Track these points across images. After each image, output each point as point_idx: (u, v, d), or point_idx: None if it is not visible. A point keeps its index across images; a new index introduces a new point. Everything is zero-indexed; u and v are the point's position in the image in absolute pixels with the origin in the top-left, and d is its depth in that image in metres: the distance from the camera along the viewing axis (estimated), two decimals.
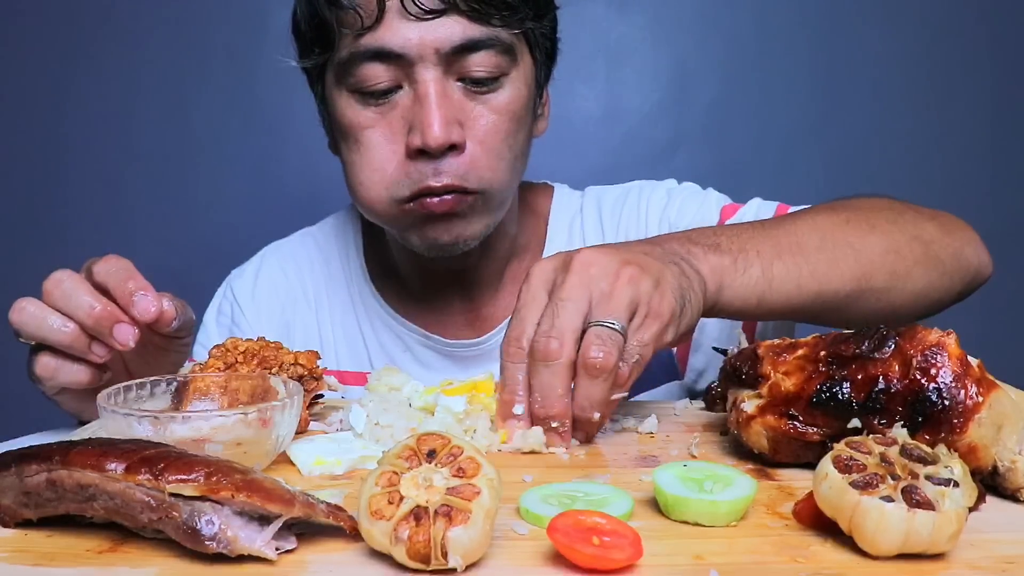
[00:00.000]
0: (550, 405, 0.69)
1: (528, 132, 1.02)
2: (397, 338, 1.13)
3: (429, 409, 0.74)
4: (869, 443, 0.53)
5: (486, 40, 0.92)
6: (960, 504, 0.49)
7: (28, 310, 0.73)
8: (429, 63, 0.91)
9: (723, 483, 0.56)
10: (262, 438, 0.62)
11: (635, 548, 0.47)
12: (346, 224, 1.21)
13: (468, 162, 0.93)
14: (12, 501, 0.53)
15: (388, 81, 0.92)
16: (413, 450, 0.50)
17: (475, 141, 0.94)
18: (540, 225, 1.17)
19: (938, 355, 0.60)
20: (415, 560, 0.46)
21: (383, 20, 0.90)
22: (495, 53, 0.93)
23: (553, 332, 0.68)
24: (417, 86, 0.92)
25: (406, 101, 0.93)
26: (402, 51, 0.90)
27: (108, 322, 0.72)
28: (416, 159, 0.93)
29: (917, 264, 0.87)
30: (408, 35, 0.90)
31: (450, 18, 0.90)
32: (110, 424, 0.62)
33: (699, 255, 0.78)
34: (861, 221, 0.87)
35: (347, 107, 0.96)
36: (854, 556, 0.49)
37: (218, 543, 0.48)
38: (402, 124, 0.94)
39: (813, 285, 0.81)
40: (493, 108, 0.95)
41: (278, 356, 0.77)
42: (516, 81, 0.96)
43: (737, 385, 0.70)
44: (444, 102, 0.91)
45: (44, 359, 0.75)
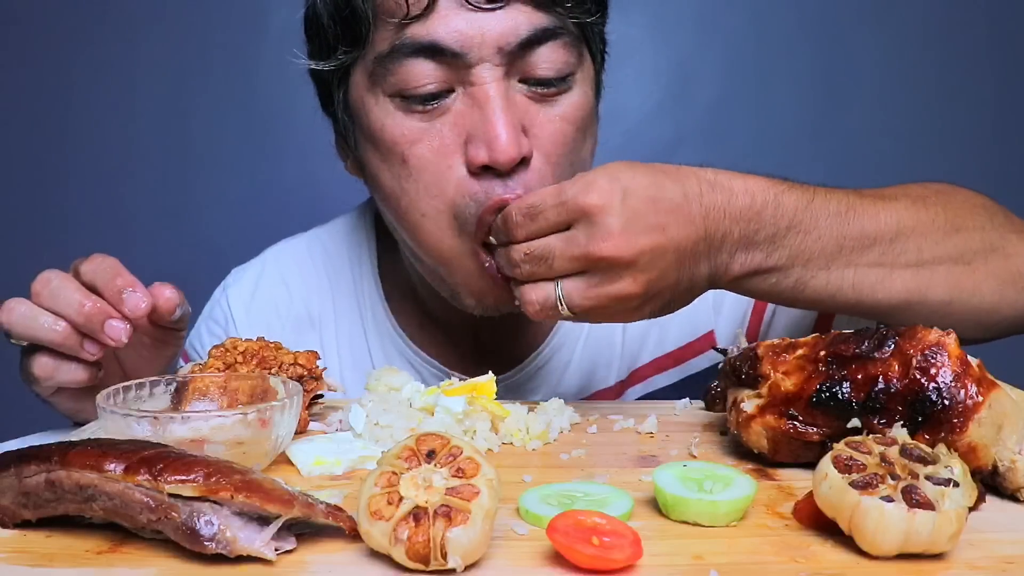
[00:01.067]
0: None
1: (592, 145, 0.90)
2: (412, 368, 1.01)
3: (429, 410, 0.74)
4: (869, 443, 0.53)
5: (555, 30, 0.78)
6: (960, 504, 0.48)
7: (18, 310, 0.72)
8: (490, 62, 0.77)
9: (723, 483, 0.56)
10: (261, 438, 0.62)
11: (635, 548, 0.47)
12: (359, 230, 1.08)
13: (536, 178, 0.79)
14: (11, 502, 0.53)
15: (438, 83, 0.78)
16: (412, 450, 0.50)
17: (541, 153, 0.80)
18: None
19: (938, 355, 0.60)
20: (414, 560, 0.46)
21: (435, 8, 0.76)
22: (563, 46, 0.80)
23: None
24: (475, 90, 0.77)
25: (459, 107, 0.79)
26: (459, 48, 0.76)
27: (99, 319, 0.71)
28: (480, 177, 0.78)
29: (990, 277, 0.78)
30: (465, 29, 0.76)
31: (513, 7, 0.77)
32: (109, 424, 0.62)
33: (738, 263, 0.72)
34: (946, 223, 0.77)
35: (387, 116, 0.80)
36: (854, 556, 0.49)
37: (217, 543, 0.48)
38: (456, 134, 0.79)
39: (851, 296, 0.75)
40: (560, 113, 0.81)
41: (277, 356, 0.77)
42: (583, 83, 0.84)
43: (737, 385, 0.70)
44: (509, 107, 0.77)
45: (42, 359, 0.74)
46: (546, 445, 0.73)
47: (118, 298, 0.72)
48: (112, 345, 0.72)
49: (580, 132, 0.84)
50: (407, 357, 1.03)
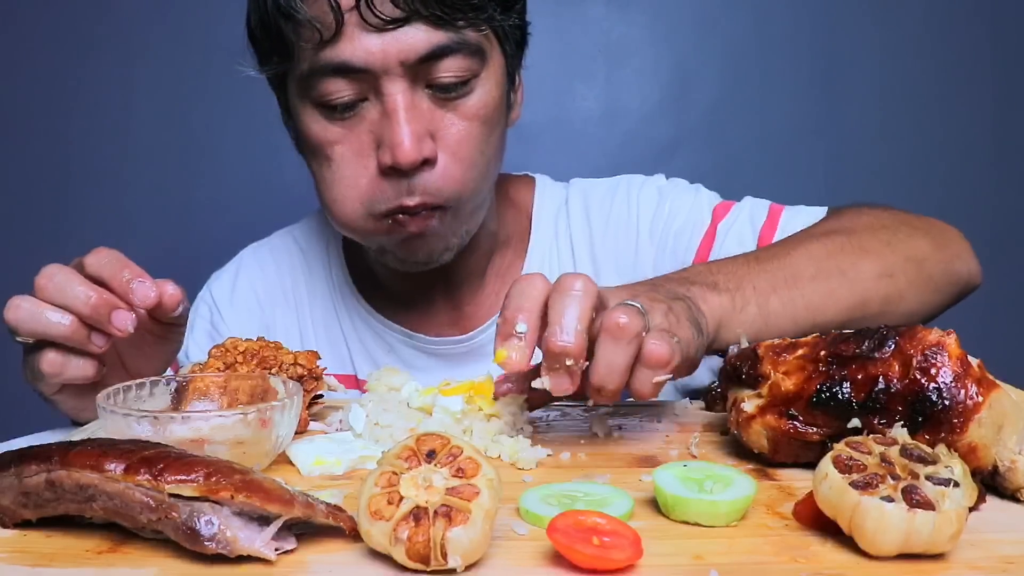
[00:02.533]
0: (567, 335, 0.63)
1: (502, 131, 0.98)
2: (380, 339, 1.11)
3: (427, 409, 0.74)
4: (869, 443, 0.53)
5: (453, 45, 0.87)
6: (960, 504, 0.49)
7: (24, 307, 0.72)
8: (395, 75, 0.87)
9: (723, 483, 0.56)
10: (262, 438, 0.62)
11: (635, 548, 0.47)
12: (326, 222, 1.17)
13: (440, 175, 0.90)
14: (11, 501, 0.53)
15: (352, 94, 0.89)
16: (413, 450, 0.50)
17: (447, 152, 0.90)
18: (522, 218, 1.15)
19: (938, 355, 0.60)
20: (415, 560, 0.46)
21: (342, 33, 0.85)
22: (463, 56, 0.88)
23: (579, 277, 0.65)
24: (384, 99, 0.88)
25: (373, 114, 0.90)
26: (365, 65, 0.86)
27: (105, 310, 0.71)
28: (389, 176, 0.90)
29: (911, 286, 0.88)
30: (370, 47, 0.85)
31: (413, 26, 0.85)
32: (109, 424, 0.62)
33: (698, 294, 0.77)
34: (855, 247, 0.88)
35: (313, 121, 0.92)
36: (854, 556, 0.49)
37: (217, 543, 0.48)
38: (370, 138, 0.90)
39: (808, 317, 0.82)
40: (464, 114, 0.91)
41: (277, 356, 0.77)
42: (486, 82, 0.92)
43: (737, 385, 0.70)
44: (413, 115, 0.87)
45: (50, 355, 0.74)
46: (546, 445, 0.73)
47: (126, 289, 0.72)
48: (119, 335, 0.72)
49: (486, 127, 0.93)
50: (372, 327, 1.12)
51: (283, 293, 1.16)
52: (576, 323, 0.63)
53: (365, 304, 1.12)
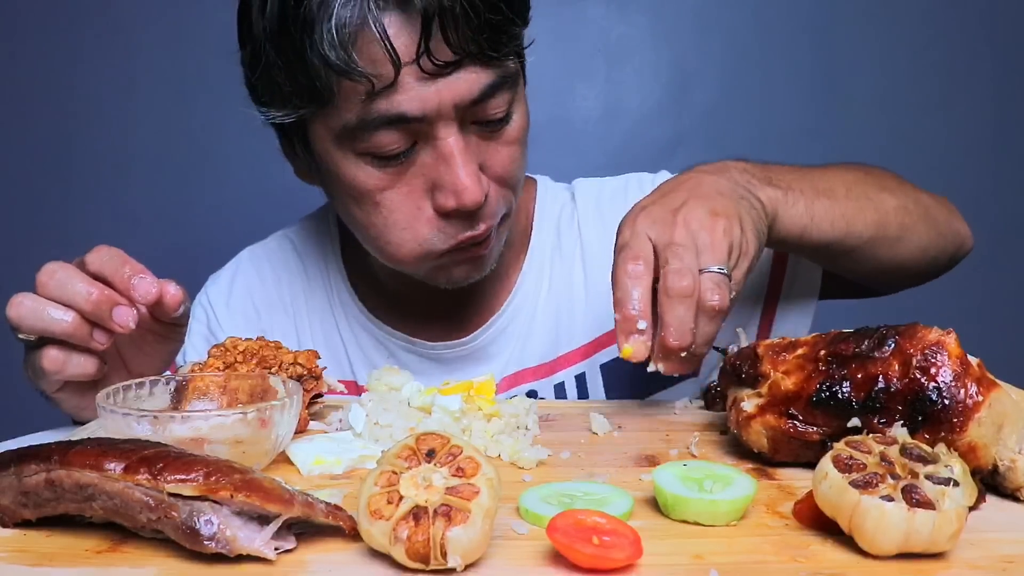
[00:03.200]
0: (683, 337, 0.72)
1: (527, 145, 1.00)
2: (379, 343, 1.10)
3: (427, 409, 0.74)
4: (869, 442, 0.53)
5: (499, 81, 0.86)
6: (960, 503, 0.48)
7: (26, 304, 0.72)
8: (448, 119, 0.84)
9: (723, 482, 0.56)
10: (261, 438, 0.62)
11: (635, 548, 0.47)
12: (323, 225, 1.17)
13: (494, 200, 0.91)
14: (11, 501, 0.53)
15: (404, 144, 0.85)
16: (412, 450, 0.50)
17: (496, 179, 0.91)
18: (522, 219, 1.14)
19: (938, 354, 0.60)
20: (414, 560, 0.46)
21: (398, 82, 0.81)
22: (506, 90, 0.88)
23: (684, 270, 0.72)
24: (438, 144, 0.85)
25: (425, 159, 0.87)
26: (422, 114, 0.83)
27: (107, 306, 0.71)
28: (450, 217, 0.89)
29: (920, 220, 0.97)
30: (425, 96, 0.82)
31: (466, 68, 0.83)
32: (109, 424, 0.62)
33: (757, 186, 0.85)
34: (876, 182, 0.97)
35: (358, 171, 0.88)
36: (854, 555, 0.49)
37: (217, 543, 0.48)
38: (422, 181, 0.88)
39: (843, 225, 0.90)
40: (506, 141, 0.91)
41: (277, 356, 0.77)
42: (519, 105, 0.93)
43: (737, 384, 0.70)
44: (468, 157, 0.86)
45: (52, 352, 0.74)
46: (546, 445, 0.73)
47: (127, 285, 0.72)
48: (120, 332, 0.72)
49: (523, 146, 0.95)
50: (372, 332, 1.10)
51: (280, 298, 1.15)
52: (690, 324, 0.72)
53: (364, 310, 1.11)
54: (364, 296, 1.12)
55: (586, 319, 1.08)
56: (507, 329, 1.08)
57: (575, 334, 1.08)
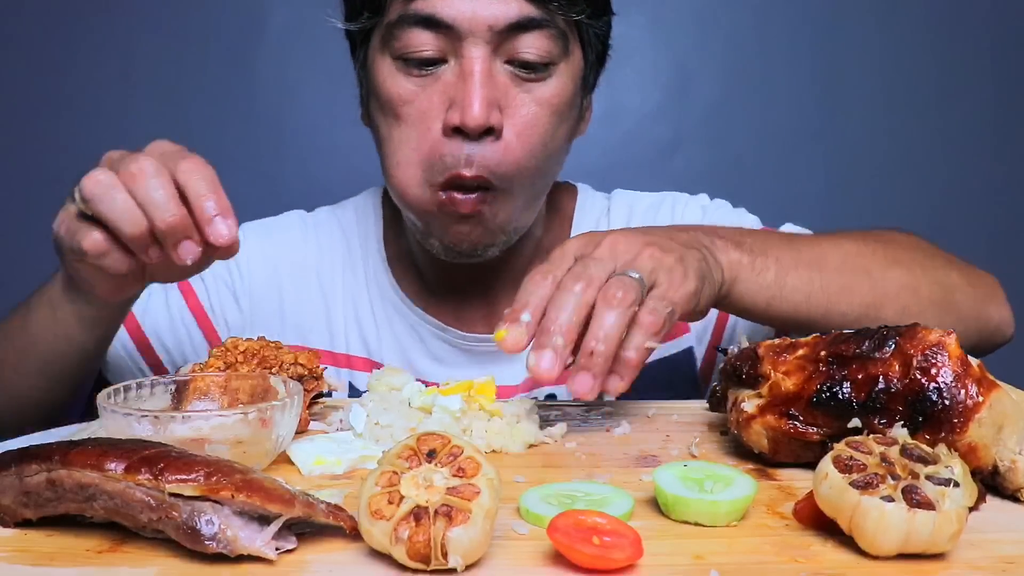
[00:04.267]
0: (560, 321, 0.65)
1: (568, 131, 0.99)
2: (411, 328, 1.10)
3: (428, 409, 0.74)
4: (869, 443, 0.53)
5: (541, 20, 0.88)
6: (960, 504, 0.49)
7: (106, 186, 0.69)
8: (479, 39, 0.88)
9: (723, 483, 0.56)
10: (262, 438, 0.62)
11: (635, 548, 0.47)
12: (368, 207, 1.17)
13: (502, 150, 0.90)
14: (12, 501, 0.53)
15: (434, 50, 0.89)
16: (413, 450, 0.50)
17: (513, 129, 0.91)
18: (564, 226, 1.14)
19: (938, 355, 0.60)
20: (415, 560, 0.46)
21: None
22: (548, 36, 0.89)
23: (582, 276, 0.68)
24: (463, 62, 0.88)
25: (449, 76, 0.90)
26: (453, 22, 0.87)
27: (180, 234, 0.69)
28: (452, 138, 0.90)
29: (933, 306, 0.87)
30: (461, 6, 0.87)
31: None
32: (110, 424, 0.62)
33: (721, 247, 0.80)
34: (886, 254, 0.88)
35: (388, 75, 0.92)
36: (854, 556, 0.49)
37: (218, 543, 0.48)
38: (441, 99, 0.90)
39: (822, 301, 0.83)
40: (537, 98, 0.92)
41: (278, 356, 0.77)
42: (564, 74, 0.93)
43: (737, 385, 0.70)
44: (488, 82, 0.88)
45: (96, 235, 0.71)
46: (546, 445, 0.73)
47: (205, 218, 0.70)
48: (177, 262, 0.70)
49: (554, 117, 0.93)
50: (407, 317, 1.10)
51: (315, 269, 1.14)
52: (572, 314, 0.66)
53: (400, 292, 1.11)
54: (401, 279, 1.12)
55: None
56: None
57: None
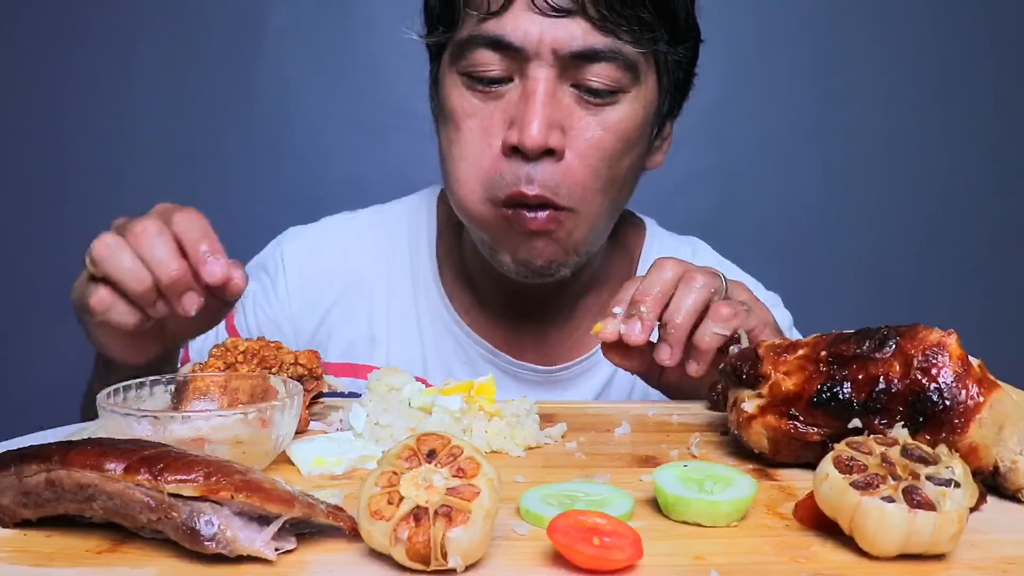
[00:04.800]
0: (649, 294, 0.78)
1: (637, 160, 0.96)
2: (459, 347, 1.07)
3: (428, 409, 0.74)
4: (870, 443, 0.53)
5: (607, 52, 0.87)
6: (961, 504, 0.48)
7: (113, 248, 0.73)
8: (544, 62, 0.87)
9: (723, 483, 0.56)
10: (262, 438, 0.62)
11: (635, 548, 0.47)
12: (420, 213, 1.14)
13: (563, 172, 0.89)
14: (11, 501, 0.53)
15: (500, 70, 0.89)
16: (413, 450, 0.50)
17: (575, 151, 0.89)
18: (626, 261, 1.12)
19: (939, 355, 0.60)
20: (415, 560, 0.46)
21: (509, 9, 0.87)
22: (615, 67, 0.88)
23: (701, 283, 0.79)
24: (527, 83, 0.88)
25: (513, 96, 0.90)
26: (520, 44, 0.87)
27: (182, 287, 0.72)
28: (511, 157, 0.89)
29: None
30: (529, 29, 0.87)
31: (575, 20, 0.86)
32: (109, 424, 0.62)
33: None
34: None
35: (453, 89, 0.93)
36: (855, 556, 0.49)
37: (218, 543, 0.48)
38: (503, 117, 0.90)
39: None
40: (602, 123, 0.90)
41: (278, 356, 0.77)
42: (634, 102, 0.92)
43: (738, 385, 0.70)
44: (550, 103, 0.88)
45: (102, 292, 0.73)
46: (547, 445, 0.73)
47: (200, 260, 0.72)
48: (181, 314, 0.72)
49: (619, 143, 0.92)
50: (456, 336, 1.07)
51: (360, 281, 1.10)
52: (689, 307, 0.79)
53: (451, 309, 1.08)
54: (451, 293, 1.09)
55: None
56: (591, 371, 1.07)
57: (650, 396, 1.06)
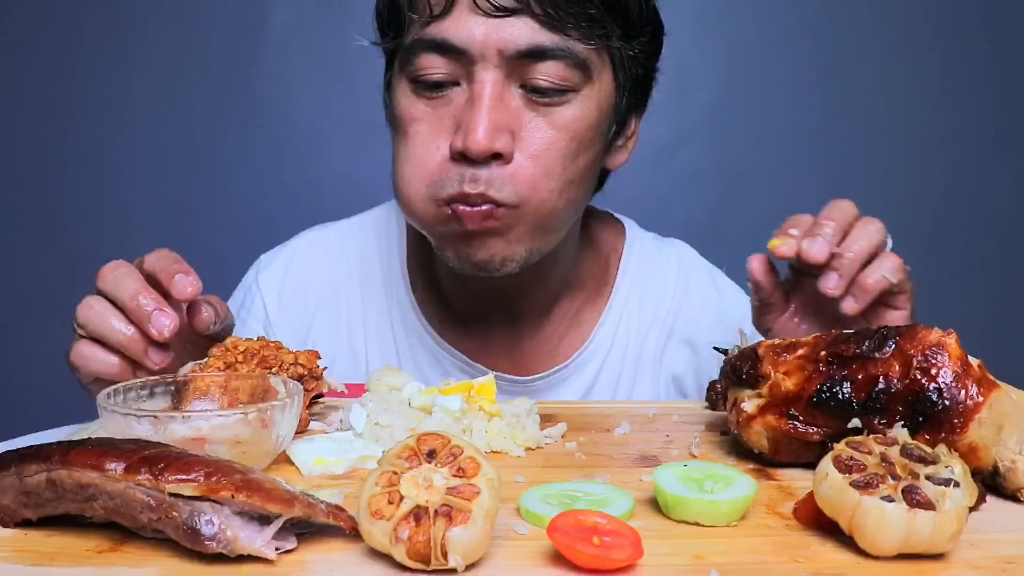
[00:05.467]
0: (830, 220, 0.81)
1: (592, 159, 0.93)
2: (435, 359, 1.06)
3: (428, 409, 0.74)
4: (869, 443, 0.53)
5: (555, 50, 0.85)
6: (960, 504, 0.49)
7: (95, 308, 0.75)
8: (490, 64, 0.85)
9: (723, 483, 0.56)
10: (262, 438, 0.62)
11: (635, 548, 0.47)
12: (390, 224, 1.13)
13: (511, 174, 0.86)
14: (12, 501, 0.53)
15: (445, 74, 0.87)
16: (413, 450, 0.50)
17: (525, 155, 0.87)
18: (601, 262, 1.10)
19: (938, 355, 0.60)
20: (415, 560, 0.46)
21: (451, 11, 0.85)
22: (565, 65, 0.86)
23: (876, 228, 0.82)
24: (474, 86, 0.86)
25: (460, 99, 0.87)
26: (464, 46, 0.85)
27: (150, 308, 0.73)
28: (458, 162, 0.87)
29: None
30: (473, 30, 0.84)
31: (520, 19, 0.84)
32: (110, 424, 0.62)
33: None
34: None
35: (402, 95, 0.91)
36: (854, 556, 0.49)
37: (218, 543, 0.48)
38: (451, 122, 0.88)
39: None
40: (553, 123, 0.87)
41: (278, 356, 0.77)
42: (587, 100, 0.89)
43: (737, 385, 0.70)
44: (497, 106, 0.85)
45: (79, 346, 0.76)
46: (546, 445, 0.73)
47: (170, 281, 0.75)
48: (156, 338, 0.73)
49: (573, 144, 0.89)
50: (430, 348, 1.07)
51: (335, 298, 1.10)
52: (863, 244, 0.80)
53: (424, 321, 1.07)
54: (424, 306, 1.08)
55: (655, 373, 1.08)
56: (569, 379, 1.06)
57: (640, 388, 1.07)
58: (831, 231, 0.79)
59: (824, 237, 0.79)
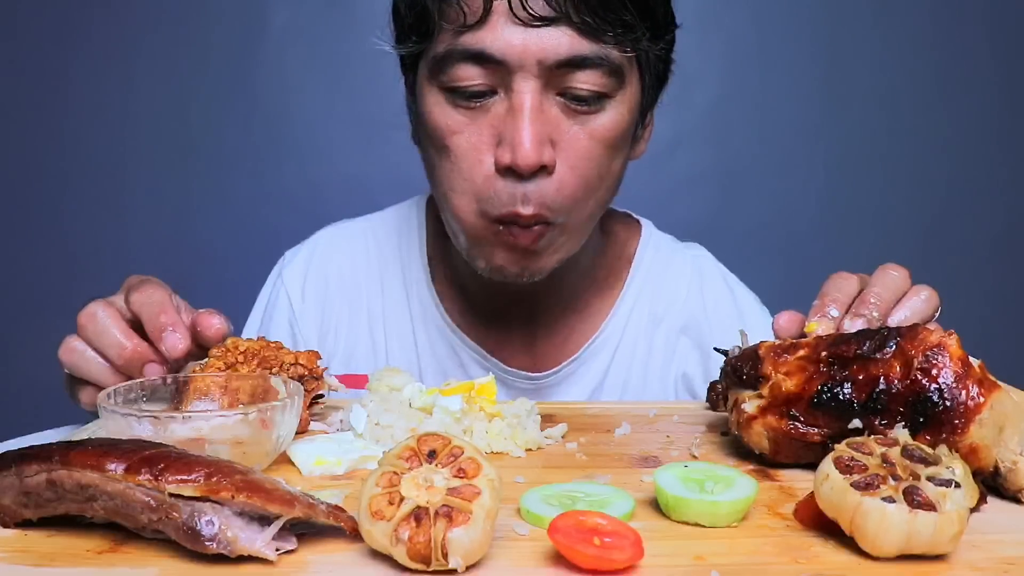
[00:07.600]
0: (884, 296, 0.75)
1: (624, 160, 0.95)
2: (453, 353, 1.07)
3: (429, 410, 0.74)
4: (870, 444, 0.53)
5: (594, 58, 0.84)
6: (961, 505, 0.49)
7: (77, 350, 0.77)
8: (529, 74, 0.84)
9: (724, 484, 0.56)
10: (262, 438, 0.62)
11: (636, 549, 0.47)
12: (411, 219, 1.13)
13: (556, 187, 0.86)
14: (12, 501, 0.53)
15: (483, 84, 0.86)
16: (414, 450, 0.50)
17: (566, 164, 0.87)
18: (619, 262, 1.11)
19: (939, 356, 0.60)
20: (415, 561, 0.46)
21: (488, 20, 0.83)
22: (602, 73, 0.86)
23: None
24: (513, 96, 0.85)
25: (499, 109, 0.86)
26: (503, 57, 0.83)
27: (137, 363, 0.75)
28: (505, 176, 0.86)
29: None
30: (512, 40, 0.83)
31: (559, 28, 0.83)
32: (110, 424, 0.62)
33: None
34: None
35: (435, 105, 0.89)
36: (855, 557, 0.49)
37: (218, 544, 0.48)
38: (491, 133, 0.87)
39: None
40: (590, 131, 0.88)
41: (278, 356, 0.77)
42: (620, 105, 0.89)
43: (738, 386, 0.70)
44: (539, 118, 0.84)
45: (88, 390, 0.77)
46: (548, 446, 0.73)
47: (158, 336, 0.75)
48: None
49: (608, 150, 0.90)
50: (450, 342, 1.07)
51: (356, 292, 1.11)
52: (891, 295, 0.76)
53: (444, 314, 1.08)
54: (444, 299, 1.08)
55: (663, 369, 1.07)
56: (578, 372, 1.06)
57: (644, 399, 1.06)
58: (878, 313, 0.73)
59: (868, 322, 0.72)
